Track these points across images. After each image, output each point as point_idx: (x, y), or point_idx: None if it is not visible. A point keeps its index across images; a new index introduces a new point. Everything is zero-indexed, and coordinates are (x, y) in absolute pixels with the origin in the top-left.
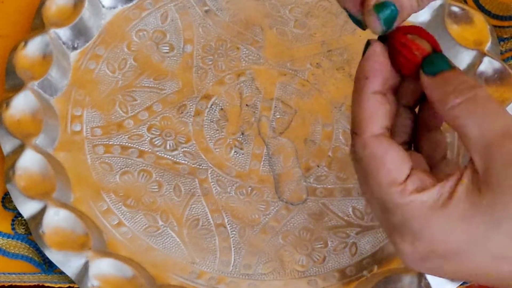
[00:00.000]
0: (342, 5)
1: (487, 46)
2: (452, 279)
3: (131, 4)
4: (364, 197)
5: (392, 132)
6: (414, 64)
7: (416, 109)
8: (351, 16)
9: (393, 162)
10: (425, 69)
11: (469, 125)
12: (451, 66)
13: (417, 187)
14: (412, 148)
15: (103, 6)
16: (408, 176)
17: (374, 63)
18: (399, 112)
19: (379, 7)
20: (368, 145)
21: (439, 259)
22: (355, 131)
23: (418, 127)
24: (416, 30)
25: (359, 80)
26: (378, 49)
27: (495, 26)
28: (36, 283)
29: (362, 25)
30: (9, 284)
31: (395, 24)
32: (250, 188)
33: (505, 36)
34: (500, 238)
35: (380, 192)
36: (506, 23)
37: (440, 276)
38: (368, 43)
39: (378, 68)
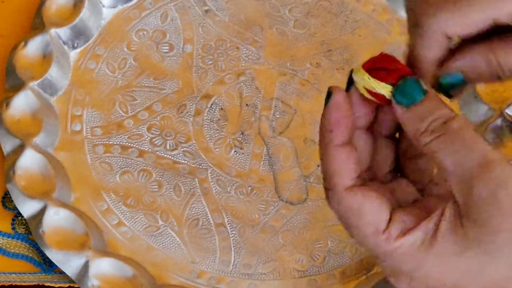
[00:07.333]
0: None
1: None
2: None
3: (131, 3)
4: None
5: (373, 167)
6: (382, 98)
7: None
8: None
9: (371, 213)
10: (396, 98)
11: (445, 159)
12: (424, 92)
13: (402, 231)
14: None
15: (103, 6)
16: (390, 220)
17: (337, 115)
18: (378, 144)
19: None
20: (342, 199)
21: None
22: (326, 187)
23: (400, 155)
24: (383, 59)
25: (324, 133)
26: (340, 99)
27: None
28: (36, 283)
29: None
30: (9, 283)
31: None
32: (250, 188)
33: None
34: (493, 269)
35: (366, 242)
36: None
37: None
38: (330, 93)
39: (341, 119)
